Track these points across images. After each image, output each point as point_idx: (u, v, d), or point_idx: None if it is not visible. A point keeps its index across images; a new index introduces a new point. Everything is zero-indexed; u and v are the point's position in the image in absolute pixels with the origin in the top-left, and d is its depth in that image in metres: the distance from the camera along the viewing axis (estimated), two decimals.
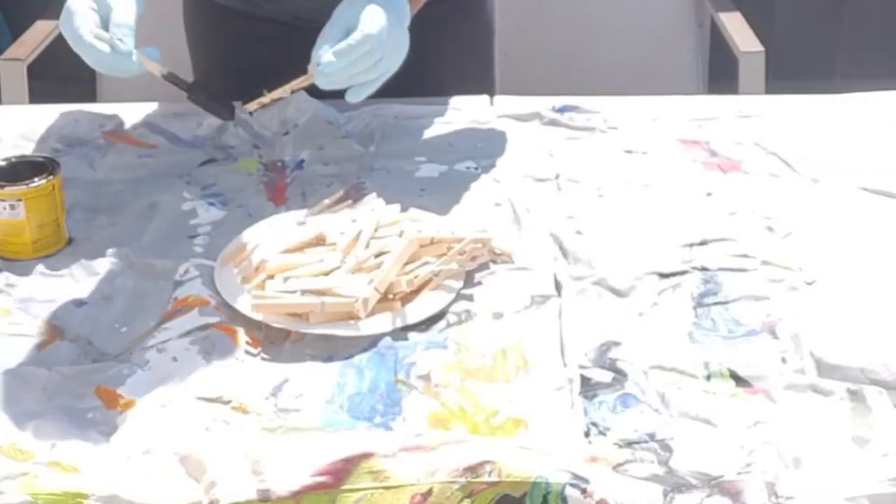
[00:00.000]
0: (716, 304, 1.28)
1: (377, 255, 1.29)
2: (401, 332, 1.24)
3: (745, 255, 1.35)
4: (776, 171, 1.55)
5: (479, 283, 1.32)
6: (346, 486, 1.02)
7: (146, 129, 1.66)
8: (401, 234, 1.32)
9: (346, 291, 1.24)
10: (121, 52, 1.39)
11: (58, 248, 1.38)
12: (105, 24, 1.41)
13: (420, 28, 1.58)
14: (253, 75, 1.49)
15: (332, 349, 1.22)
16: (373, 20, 1.40)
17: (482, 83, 1.85)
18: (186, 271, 1.32)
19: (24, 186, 1.35)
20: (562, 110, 1.70)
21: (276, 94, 1.46)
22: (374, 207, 1.40)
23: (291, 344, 1.23)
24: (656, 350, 1.20)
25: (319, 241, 1.33)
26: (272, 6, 1.77)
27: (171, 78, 1.46)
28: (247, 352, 1.21)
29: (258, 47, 1.76)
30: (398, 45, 1.45)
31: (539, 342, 1.22)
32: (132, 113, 1.69)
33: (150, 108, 1.71)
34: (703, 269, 1.34)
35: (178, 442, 1.08)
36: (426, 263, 1.29)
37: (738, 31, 2.31)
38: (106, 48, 1.40)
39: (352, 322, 1.23)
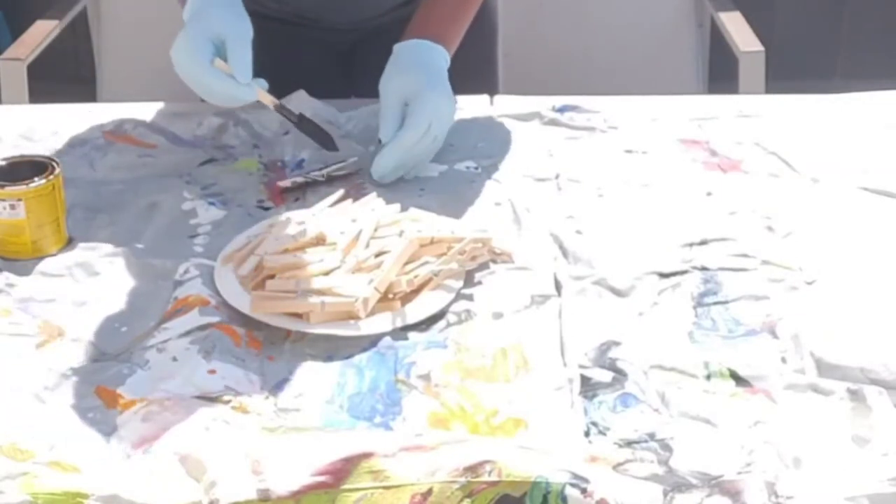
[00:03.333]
0: (716, 303, 1.28)
1: (377, 255, 1.29)
2: (401, 332, 1.24)
3: (745, 255, 1.35)
4: (776, 170, 1.55)
5: (479, 282, 1.32)
6: (346, 486, 1.02)
7: (146, 128, 1.66)
8: (401, 234, 1.32)
9: (346, 291, 1.24)
10: (241, 82, 1.43)
11: (58, 247, 1.38)
12: (218, 54, 1.45)
13: None
14: (257, 74, 1.50)
15: (332, 349, 1.22)
16: (418, 120, 1.50)
17: (485, 81, 1.85)
18: (186, 271, 1.32)
19: (24, 186, 1.35)
20: (562, 110, 1.70)
21: (312, 175, 1.53)
22: (374, 207, 1.40)
23: (291, 344, 1.23)
24: (656, 350, 1.20)
25: (319, 241, 1.33)
26: (277, 5, 1.77)
27: (281, 109, 1.52)
28: (247, 351, 1.21)
29: (262, 46, 1.76)
30: (441, 112, 1.53)
31: (539, 342, 1.22)
32: (132, 113, 1.69)
33: (150, 107, 1.71)
34: (703, 268, 1.34)
35: (179, 442, 1.08)
36: (426, 263, 1.29)
37: (738, 31, 2.31)
38: (226, 78, 1.43)
39: (352, 322, 1.23)
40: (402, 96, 1.52)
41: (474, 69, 1.84)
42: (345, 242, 1.31)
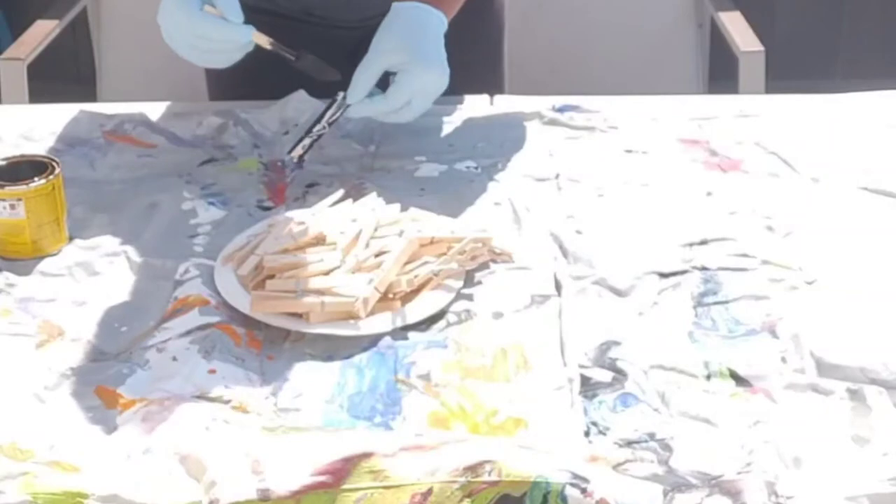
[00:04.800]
0: (716, 303, 1.28)
1: (377, 255, 1.29)
2: (401, 332, 1.24)
3: (745, 255, 1.35)
4: (776, 170, 1.55)
5: (479, 282, 1.32)
6: (346, 486, 1.02)
7: (146, 128, 1.66)
8: (401, 234, 1.32)
9: (346, 291, 1.24)
10: (234, 22, 1.43)
11: (58, 247, 1.38)
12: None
13: None
14: (262, 70, 1.49)
15: (332, 349, 1.22)
16: (399, 94, 1.50)
17: (491, 81, 1.84)
18: (186, 271, 1.32)
19: (24, 186, 1.35)
20: (562, 110, 1.70)
21: (315, 131, 1.52)
22: (374, 207, 1.40)
23: (291, 343, 1.23)
24: (656, 349, 1.20)
25: (319, 241, 1.33)
26: (285, 2, 1.77)
27: (278, 47, 1.50)
28: (247, 351, 1.21)
29: None
30: (427, 88, 1.52)
31: (539, 342, 1.22)
32: (132, 112, 1.69)
33: (150, 107, 1.71)
34: (703, 268, 1.33)
35: (179, 441, 1.08)
36: (426, 263, 1.29)
37: (738, 31, 2.31)
38: (219, 21, 1.43)
39: (352, 321, 1.23)
40: (389, 64, 1.51)
41: (480, 68, 1.84)
42: (345, 242, 1.31)
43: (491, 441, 1.08)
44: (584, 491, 1.01)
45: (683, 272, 1.33)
